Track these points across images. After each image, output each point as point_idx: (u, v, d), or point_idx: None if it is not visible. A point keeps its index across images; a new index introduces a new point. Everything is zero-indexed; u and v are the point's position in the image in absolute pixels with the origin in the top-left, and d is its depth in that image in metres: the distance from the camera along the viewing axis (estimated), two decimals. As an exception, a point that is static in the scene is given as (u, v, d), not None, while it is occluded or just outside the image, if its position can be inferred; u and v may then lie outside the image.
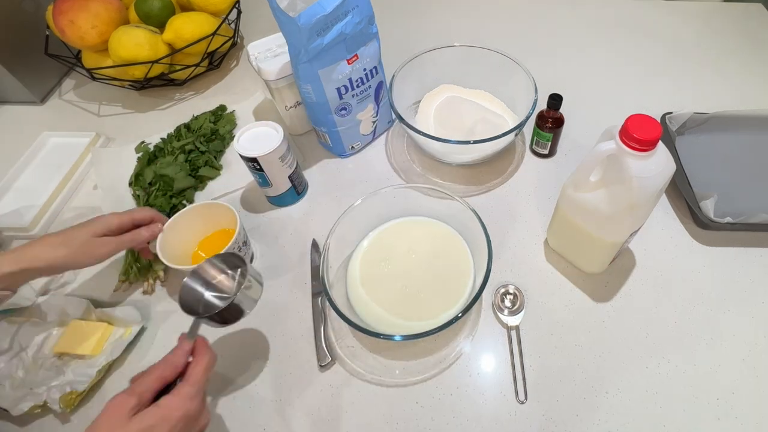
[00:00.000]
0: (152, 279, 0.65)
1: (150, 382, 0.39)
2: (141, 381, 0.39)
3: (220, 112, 0.87)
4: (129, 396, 0.38)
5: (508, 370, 0.56)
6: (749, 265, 0.64)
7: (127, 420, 0.36)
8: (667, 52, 0.95)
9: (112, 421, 0.36)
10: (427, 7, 1.10)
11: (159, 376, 0.40)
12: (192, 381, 0.41)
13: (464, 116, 0.76)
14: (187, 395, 0.39)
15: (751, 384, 0.54)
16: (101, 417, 0.37)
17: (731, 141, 0.76)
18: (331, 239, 0.59)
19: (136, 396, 0.38)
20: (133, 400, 0.37)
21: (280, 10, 0.58)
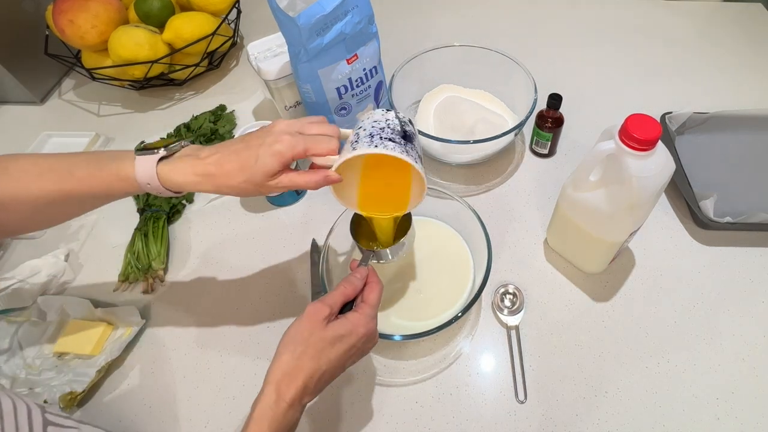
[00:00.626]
0: (152, 278, 0.65)
1: (336, 297, 0.44)
2: (329, 295, 0.44)
3: (219, 111, 0.87)
4: (323, 305, 0.42)
5: (508, 370, 0.56)
6: (749, 264, 0.64)
7: (323, 325, 0.42)
8: (667, 51, 0.95)
9: (313, 324, 0.41)
10: (426, 7, 1.10)
11: (343, 293, 0.45)
12: (371, 303, 0.45)
13: (464, 116, 0.76)
14: (369, 315, 0.44)
15: (751, 384, 0.54)
16: (302, 320, 0.42)
17: (731, 141, 0.76)
18: (330, 239, 0.59)
19: (329, 306, 0.43)
20: (327, 309, 0.42)
21: (280, 10, 0.58)
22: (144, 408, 0.56)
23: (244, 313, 0.63)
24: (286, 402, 0.39)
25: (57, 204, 0.45)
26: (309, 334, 0.41)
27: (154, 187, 0.45)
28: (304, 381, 0.40)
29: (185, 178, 0.45)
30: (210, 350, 0.60)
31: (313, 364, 0.40)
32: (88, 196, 0.45)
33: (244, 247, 0.67)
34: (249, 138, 0.45)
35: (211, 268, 0.67)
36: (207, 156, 0.45)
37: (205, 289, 0.65)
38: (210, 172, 0.44)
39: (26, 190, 0.44)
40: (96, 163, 0.45)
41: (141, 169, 0.44)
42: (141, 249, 0.66)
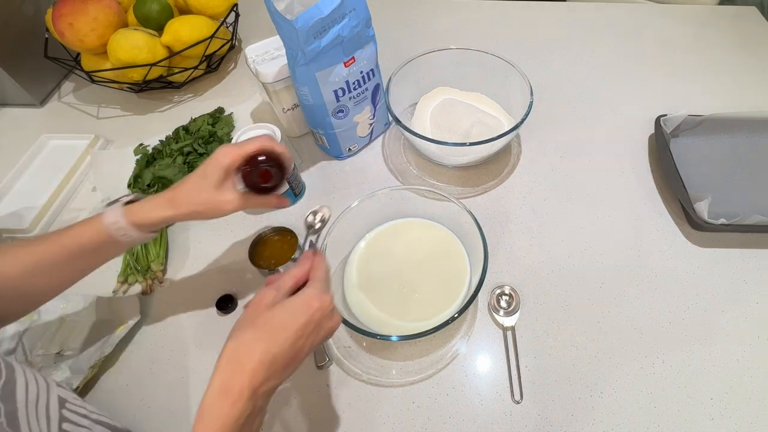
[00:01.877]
0: (151, 280, 0.66)
1: (285, 279, 0.43)
2: (277, 278, 0.43)
3: (218, 114, 0.87)
4: (269, 289, 0.41)
5: (504, 371, 0.57)
6: (743, 266, 0.64)
7: (270, 307, 0.40)
8: (662, 54, 0.96)
9: (259, 308, 0.40)
10: (423, 11, 1.10)
11: (292, 275, 0.44)
12: (319, 278, 0.44)
13: (460, 118, 0.76)
14: (320, 289, 0.42)
15: (745, 384, 0.55)
16: (248, 306, 0.41)
17: (725, 143, 0.77)
18: (327, 241, 0.59)
19: (275, 289, 0.41)
20: (272, 292, 0.41)
21: (278, 13, 0.58)
22: (143, 408, 0.56)
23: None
24: (232, 394, 0.35)
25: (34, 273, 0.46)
26: (255, 315, 0.39)
27: (121, 225, 0.48)
28: (252, 368, 0.36)
29: (150, 209, 0.49)
30: (209, 351, 0.60)
31: (261, 347, 0.37)
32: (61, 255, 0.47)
33: (243, 249, 0.68)
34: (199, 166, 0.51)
35: (209, 270, 0.68)
36: (168, 189, 0.50)
37: (204, 290, 0.65)
38: (169, 197, 0.49)
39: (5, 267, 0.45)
40: (66, 228, 0.48)
41: (108, 214, 0.48)
42: (140, 250, 0.67)
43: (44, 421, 0.38)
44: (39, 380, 0.40)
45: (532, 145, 0.81)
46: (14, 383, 0.37)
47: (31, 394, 0.38)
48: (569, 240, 0.68)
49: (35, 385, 0.39)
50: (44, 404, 0.39)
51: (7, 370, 0.38)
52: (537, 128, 0.81)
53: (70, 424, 0.41)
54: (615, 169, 0.76)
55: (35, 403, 0.38)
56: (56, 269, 0.48)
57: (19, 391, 0.37)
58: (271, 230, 0.67)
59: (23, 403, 0.37)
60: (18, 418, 0.36)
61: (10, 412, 0.36)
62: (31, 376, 0.40)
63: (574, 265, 0.65)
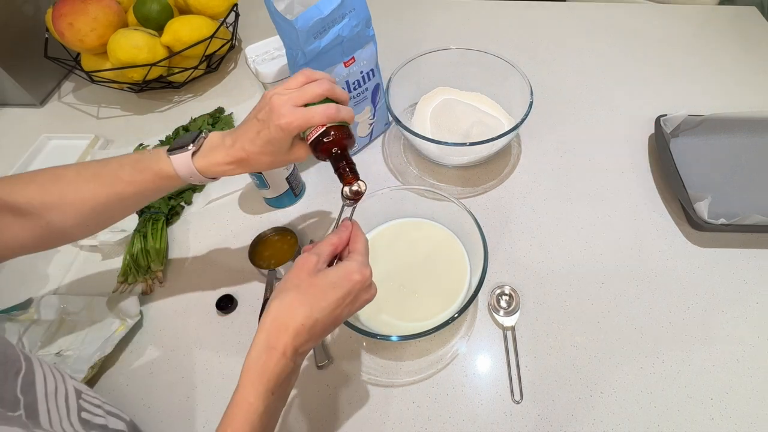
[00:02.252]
0: (151, 279, 0.66)
1: (324, 246, 0.44)
2: (317, 245, 0.44)
3: (218, 114, 0.87)
4: (311, 254, 0.42)
5: (504, 371, 0.57)
6: (743, 266, 0.64)
7: (313, 274, 0.41)
8: (662, 54, 0.96)
9: (302, 272, 0.41)
10: (423, 10, 1.10)
11: (330, 242, 0.44)
12: (360, 251, 0.44)
13: (460, 118, 0.76)
14: (360, 262, 0.43)
15: (745, 384, 0.55)
16: (292, 270, 0.41)
17: (725, 143, 0.77)
18: (328, 240, 0.59)
19: (316, 255, 0.42)
20: (314, 257, 0.42)
21: (278, 13, 0.59)
22: (143, 408, 0.56)
23: (243, 314, 0.63)
24: (277, 351, 0.38)
25: (107, 207, 0.48)
26: (299, 281, 0.40)
27: (195, 178, 0.49)
28: (295, 329, 0.38)
29: (220, 167, 0.49)
30: (208, 351, 0.60)
31: (304, 311, 0.39)
32: (135, 195, 0.49)
33: (243, 249, 0.68)
34: (256, 113, 0.48)
35: (209, 270, 0.68)
36: (232, 144, 0.48)
37: (204, 291, 0.65)
38: (241, 158, 0.48)
39: (80, 194, 0.47)
40: (137, 165, 0.49)
41: (179, 166, 0.48)
42: (140, 250, 0.67)
43: (64, 411, 0.40)
44: (55, 372, 0.41)
45: (532, 145, 0.81)
46: (33, 375, 0.38)
47: (49, 386, 0.39)
48: (569, 240, 0.68)
49: (52, 377, 0.40)
50: (63, 395, 0.40)
51: (26, 362, 0.38)
52: (537, 128, 0.81)
53: (88, 414, 0.42)
54: (615, 169, 0.76)
55: (54, 394, 0.39)
56: (132, 203, 0.50)
57: (38, 382, 0.38)
58: (271, 230, 0.68)
59: (43, 394, 0.38)
60: (38, 410, 0.37)
61: (30, 403, 0.36)
62: (48, 368, 0.40)
63: (574, 265, 0.65)
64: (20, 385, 0.36)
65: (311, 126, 0.47)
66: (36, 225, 0.46)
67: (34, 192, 0.46)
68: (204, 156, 0.48)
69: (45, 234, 0.47)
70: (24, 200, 0.45)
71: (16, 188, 0.46)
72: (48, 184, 0.47)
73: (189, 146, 0.48)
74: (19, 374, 0.37)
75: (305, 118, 0.45)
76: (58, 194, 0.47)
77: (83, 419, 0.41)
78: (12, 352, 0.37)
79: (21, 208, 0.45)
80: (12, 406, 0.35)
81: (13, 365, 0.37)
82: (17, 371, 0.37)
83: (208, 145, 0.49)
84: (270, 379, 0.38)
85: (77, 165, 0.50)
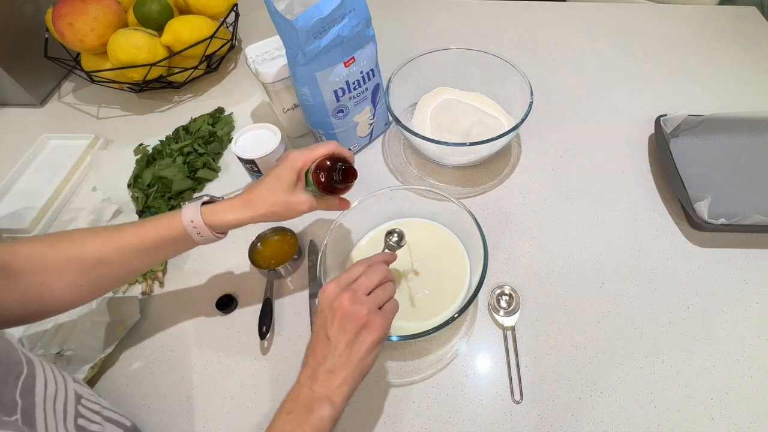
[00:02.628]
0: (151, 280, 0.66)
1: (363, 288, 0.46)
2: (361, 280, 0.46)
3: (218, 114, 0.87)
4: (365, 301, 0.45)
5: (504, 371, 0.57)
6: (743, 266, 0.64)
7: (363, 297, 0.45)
8: (662, 54, 0.96)
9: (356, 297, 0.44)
10: (423, 10, 1.10)
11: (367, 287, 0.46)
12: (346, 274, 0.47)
13: (460, 118, 0.76)
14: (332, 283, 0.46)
15: (745, 384, 0.55)
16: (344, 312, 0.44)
17: (725, 143, 0.77)
18: (328, 240, 0.59)
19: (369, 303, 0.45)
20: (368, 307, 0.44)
21: (278, 13, 0.58)
22: (143, 408, 0.56)
23: (242, 314, 0.63)
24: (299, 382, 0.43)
25: (108, 263, 0.48)
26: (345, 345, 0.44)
27: (197, 224, 0.50)
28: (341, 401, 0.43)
29: (224, 210, 0.51)
30: (208, 351, 0.60)
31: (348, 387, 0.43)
32: (137, 249, 0.49)
33: (243, 249, 0.68)
34: (270, 169, 0.53)
35: (209, 270, 0.68)
36: (241, 192, 0.52)
37: (204, 291, 0.65)
38: (246, 199, 0.51)
39: (82, 248, 0.47)
40: (147, 220, 0.51)
41: (186, 212, 0.50)
42: (139, 250, 0.66)
43: (61, 416, 0.39)
44: (57, 375, 0.41)
45: (532, 145, 0.81)
46: (34, 378, 0.38)
47: (49, 390, 0.39)
48: (569, 240, 0.68)
49: (53, 381, 0.40)
50: (62, 399, 0.40)
51: (28, 365, 0.38)
52: (537, 128, 0.81)
53: (84, 420, 0.42)
54: (615, 169, 0.76)
55: (53, 399, 0.39)
56: (131, 258, 0.50)
57: (38, 386, 0.38)
58: (271, 230, 0.68)
59: (41, 399, 0.38)
60: (35, 414, 0.37)
61: (27, 408, 0.36)
62: (50, 371, 0.40)
63: (574, 265, 0.65)
64: (20, 388, 0.36)
65: (315, 159, 0.52)
66: (29, 287, 0.45)
67: (39, 249, 0.46)
68: (212, 205, 0.52)
69: (35, 298, 0.46)
70: (23, 259, 0.45)
71: (21, 247, 0.46)
72: (55, 242, 0.47)
73: (204, 197, 0.53)
74: (20, 377, 0.37)
75: (310, 150, 0.52)
76: (62, 249, 0.47)
77: (79, 425, 0.41)
78: (14, 355, 0.37)
79: (18, 267, 0.44)
80: (9, 410, 0.35)
81: (14, 368, 0.37)
82: (18, 374, 0.37)
83: (221, 202, 0.53)
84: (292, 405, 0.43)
85: (95, 227, 0.53)
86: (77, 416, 0.41)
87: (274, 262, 0.65)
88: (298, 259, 0.67)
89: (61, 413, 0.40)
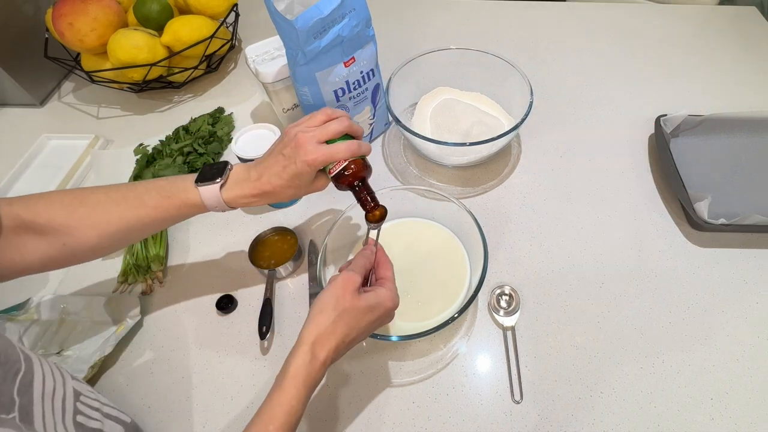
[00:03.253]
0: (151, 280, 0.66)
1: (361, 269, 0.48)
2: (357, 266, 0.47)
3: (218, 114, 0.87)
4: (357, 276, 0.46)
5: (504, 371, 0.57)
6: (743, 266, 0.64)
7: (356, 294, 0.45)
8: (662, 54, 0.96)
9: (348, 292, 0.45)
10: (423, 10, 1.10)
11: (364, 266, 0.49)
12: (391, 278, 0.50)
13: (460, 118, 0.76)
14: (394, 291, 0.48)
15: (746, 384, 0.55)
16: (337, 287, 0.45)
17: (725, 143, 0.77)
18: (328, 240, 0.59)
19: (360, 276, 0.46)
20: (359, 278, 0.46)
21: (278, 13, 0.59)
22: (143, 408, 0.56)
23: (243, 314, 0.63)
24: (319, 361, 0.42)
25: (130, 230, 0.50)
26: (344, 300, 0.44)
27: (221, 208, 0.52)
28: (336, 344, 0.43)
29: (246, 200, 0.52)
30: (208, 351, 0.60)
31: (345, 330, 0.43)
32: (159, 220, 0.51)
33: (243, 249, 0.68)
34: (281, 149, 0.51)
35: (209, 270, 0.68)
36: (258, 177, 0.51)
37: (204, 291, 0.65)
38: (266, 191, 0.51)
39: (106, 216, 0.49)
40: (163, 192, 0.51)
41: (207, 197, 0.51)
42: (140, 250, 0.66)
43: (59, 413, 0.39)
44: (55, 372, 0.41)
45: (532, 145, 0.81)
46: (32, 375, 0.38)
47: (48, 387, 0.39)
48: (569, 240, 0.68)
49: (52, 378, 0.40)
50: (60, 397, 0.40)
51: (26, 363, 0.38)
52: (537, 128, 0.81)
53: (83, 417, 0.42)
54: (615, 169, 0.76)
55: (51, 396, 0.39)
56: (151, 227, 0.52)
57: (36, 383, 0.38)
58: (271, 230, 0.68)
59: (39, 396, 0.38)
60: (32, 412, 0.37)
61: (25, 405, 0.36)
62: (48, 368, 0.40)
63: (574, 265, 0.65)
64: (18, 386, 0.36)
65: (334, 161, 0.51)
66: (51, 246, 0.47)
67: (57, 212, 0.47)
68: (231, 189, 0.51)
69: (57, 255, 0.48)
70: (44, 220, 0.46)
71: (39, 206, 0.47)
72: (74, 206, 0.48)
73: (218, 180, 0.51)
74: (18, 375, 0.37)
75: (329, 153, 0.50)
76: (83, 216, 0.48)
77: (78, 422, 0.41)
78: (13, 352, 0.37)
79: (40, 227, 0.46)
80: (7, 408, 0.35)
81: (13, 366, 0.37)
82: (16, 372, 0.37)
83: (234, 178, 0.52)
84: (312, 386, 0.42)
85: (106, 188, 0.51)
86: (76, 413, 0.41)
87: (274, 262, 0.65)
88: (298, 259, 0.67)
89: (60, 410, 0.40)
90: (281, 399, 0.41)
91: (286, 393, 0.41)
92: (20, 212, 0.46)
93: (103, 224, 0.48)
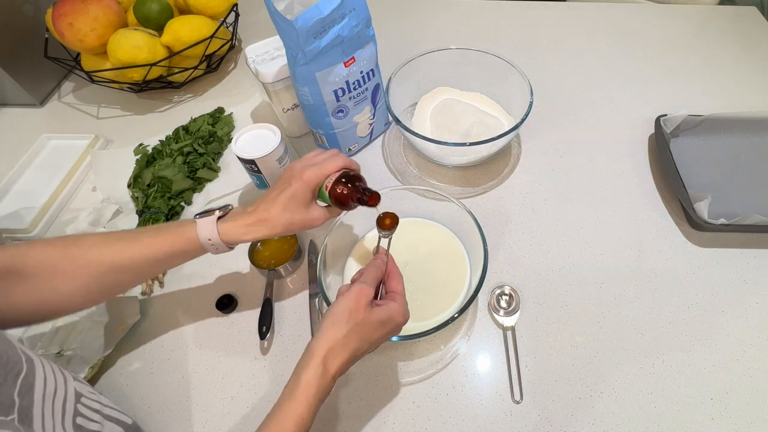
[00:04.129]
0: (151, 280, 0.66)
1: (373, 281, 0.47)
2: (369, 278, 0.47)
3: (218, 114, 0.87)
4: (369, 288, 0.46)
5: (504, 371, 0.57)
6: (743, 266, 0.64)
7: (369, 308, 0.45)
8: (662, 54, 0.96)
9: (361, 305, 0.44)
10: (423, 10, 1.10)
11: (376, 277, 0.48)
12: (401, 292, 0.49)
13: (460, 118, 0.76)
14: (404, 306, 0.48)
15: (746, 384, 0.55)
16: (350, 299, 0.45)
17: (725, 143, 0.77)
18: (328, 240, 0.59)
19: (373, 289, 0.46)
20: (372, 291, 0.46)
21: (278, 13, 0.58)
22: (143, 408, 0.56)
23: (243, 314, 0.63)
24: (330, 374, 0.42)
25: (120, 271, 0.49)
26: (357, 314, 0.44)
27: (214, 241, 0.51)
28: (347, 357, 0.43)
29: (241, 229, 0.51)
30: (208, 351, 0.60)
31: (356, 344, 0.44)
32: (151, 260, 0.49)
33: (243, 249, 0.68)
34: (280, 184, 0.53)
35: (209, 270, 0.68)
36: (254, 208, 0.52)
37: (204, 291, 0.65)
38: (262, 218, 0.51)
39: (97, 257, 0.48)
40: (161, 229, 0.51)
41: (202, 228, 0.51)
42: (139, 250, 0.66)
43: (59, 415, 0.39)
44: (57, 373, 0.41)
45: (532, 145, 0.81)
46: (33, 377, 0.38)
47: (49, 388, 0.39)
48: (569, 240, 0.68)
49: (53, 379, 0.40)
50: (62, 398, 0.40)
51: (27, 363, 0.38)
52: (537, 128, 0.81)
53: (83, 419, 0.42)
54: (615, 169, 0.76)
55: (52, 397, 0.39)
56: (144, 267, 0.50)
57: (37, 384, 0.38)
58: None
59: (40, 397, 0.38)
60: (32, 414, 0.37)
61: (25, 407, 0.36)
62: (50, 369, 0.40)
63: (574, 265, 0.65)
64: (19, 387, 0.36)
65: (327, 175, 0.53)
66: (40, 290, 0.45)
67: (50, 253, 0.46)
68: (227, 220, 0.52)
69: (46, 301, 0.46)
70: (36, 262, 0.45)
71: (33, 250, 0.46)
72: (67, 245, 0.47)
73: (216, 212, 0.52)
74: (20, 376, 0.36)
75: (321, 166, 0.52)
76: (75, 256, 0.47)
77: (77, 425, 0.41)
78: (13, 354, 0.37)
79: (31, 269, 0.45)
80: (6, 409, 0.34)
81: (14, 367, 0.37)
82: (17, 373, 0.37)
83: (232, 213, 0.53)
84: (321, 398, 0.42)
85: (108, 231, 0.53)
86: (76, 415, 0.41)
87: (274, 262, 0.65)
88: (298, 259, 0.67)
89: (60, 412, 0.40)
90: (292, 410, 0.41)
91: (297, 404, 0.41)
92: (13, 255, 0.44)
93: (94, 265, 0.47)
